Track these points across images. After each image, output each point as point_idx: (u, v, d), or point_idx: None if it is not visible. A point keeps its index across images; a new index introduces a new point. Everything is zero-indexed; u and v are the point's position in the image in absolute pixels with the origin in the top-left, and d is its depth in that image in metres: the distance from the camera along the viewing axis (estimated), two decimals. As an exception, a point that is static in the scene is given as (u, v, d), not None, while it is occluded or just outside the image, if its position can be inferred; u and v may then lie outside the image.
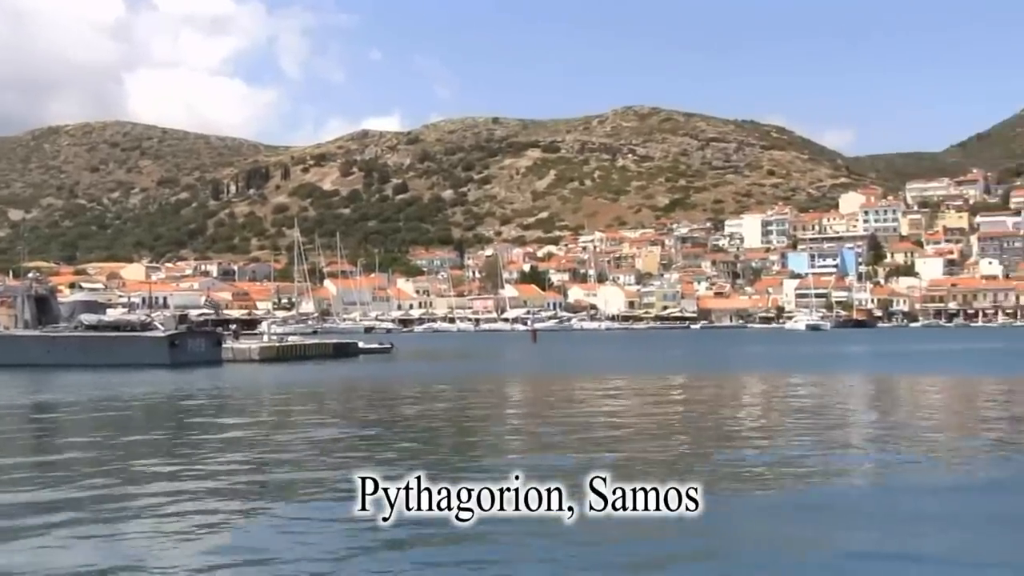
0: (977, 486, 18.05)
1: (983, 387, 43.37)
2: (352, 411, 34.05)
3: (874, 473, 19.71)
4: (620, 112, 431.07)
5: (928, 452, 22.08)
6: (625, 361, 72.40)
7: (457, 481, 16.07)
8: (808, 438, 24.33)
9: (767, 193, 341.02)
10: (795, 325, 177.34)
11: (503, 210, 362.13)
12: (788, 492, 17.44)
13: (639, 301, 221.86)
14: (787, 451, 22.10)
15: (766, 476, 19.16)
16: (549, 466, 19.41)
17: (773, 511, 15.91)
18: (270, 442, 24.62)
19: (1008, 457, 21.33)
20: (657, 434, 25.79)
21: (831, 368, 58.21)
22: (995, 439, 24.08)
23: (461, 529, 13.65)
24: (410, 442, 24.21)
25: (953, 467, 20.13)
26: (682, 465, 20.06)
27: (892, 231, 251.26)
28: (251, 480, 19.03)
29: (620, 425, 27.87)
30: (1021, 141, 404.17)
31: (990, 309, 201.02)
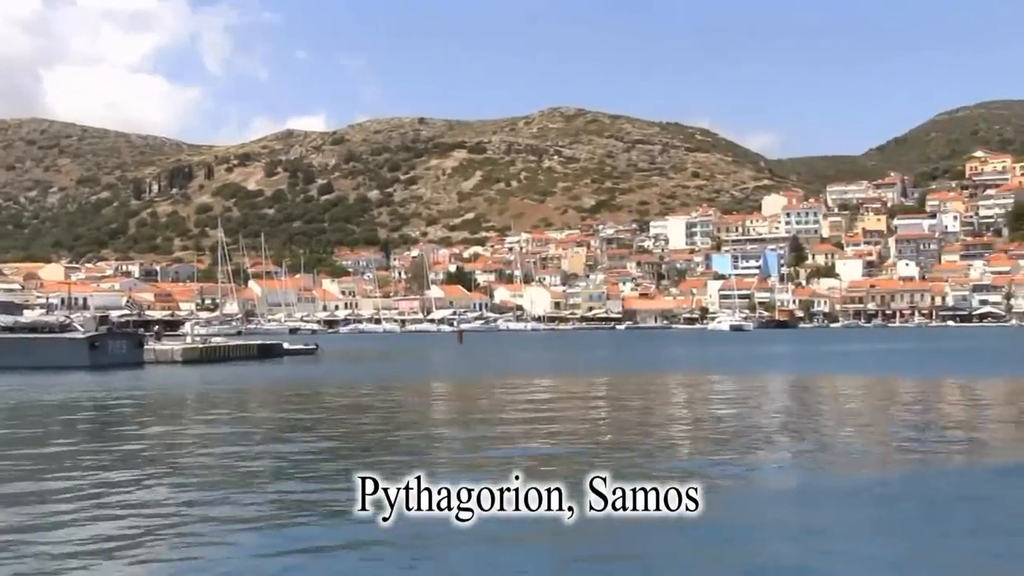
0: (889, 487, 18.51)
1: (898, 387, 44.40)
2: (272, 413, 33.84)
3: (786, 476, 20.12)
4: (546, 113, 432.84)
5: (842, 452, 22.60)
6: (551, 362, 72.78)
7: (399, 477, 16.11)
8: (728, 440, 24.71)
9: (691, 195, 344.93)
10: (718, 326, 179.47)
11: (429, 211, 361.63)
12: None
13: (565, 302, 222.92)
14: (704, 454, 22.42)
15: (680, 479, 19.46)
16: (465, 468, 19.50)
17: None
18: (182, 447, 24.40)
19: (923, 459, 21.93)
20: (578, 435, 26.04)
21: (753, 369, 59.11)
22: (909, 439, 24.67)
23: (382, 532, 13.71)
24: (329, 443, 24.16)
25: (868, 469, 20.60)
26: (599, 465, 20.30)
27: (813, 233, 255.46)
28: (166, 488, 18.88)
29: (544, 426, 28.08)
30: (936, 146, 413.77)
31: (907, 310, 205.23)
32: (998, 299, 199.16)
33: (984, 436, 25.94)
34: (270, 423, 30.57)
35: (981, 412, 33.45)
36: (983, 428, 27.94)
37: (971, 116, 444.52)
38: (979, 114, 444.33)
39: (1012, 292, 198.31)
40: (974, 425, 28.73)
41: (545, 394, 41.00)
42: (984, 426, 28.47)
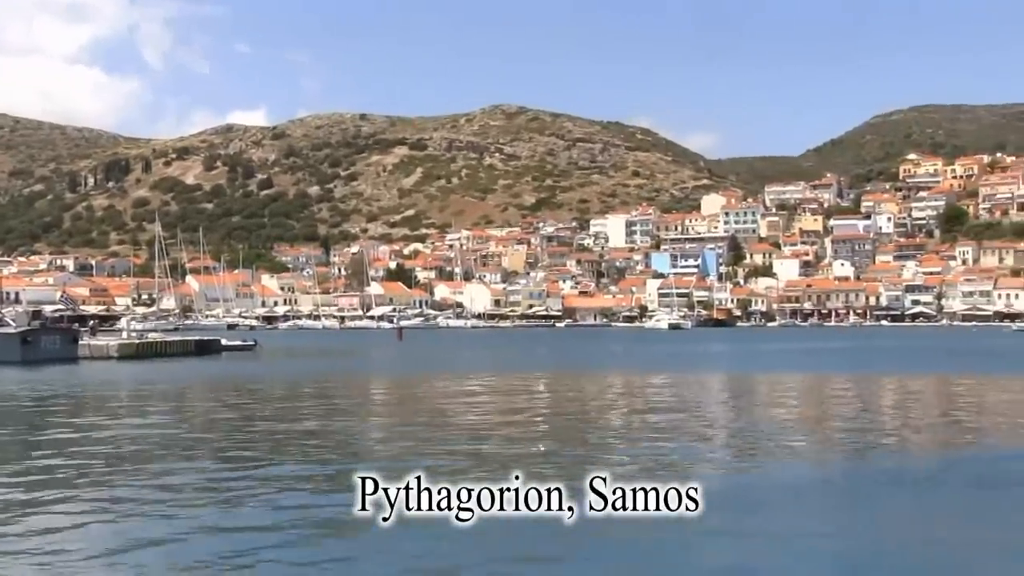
0: (825, 482, 18.96)
1: (832, 384, 45.21)
2: (204, 410, 33.67)
3: (724, 471, 20.50)
4: (488, 111, 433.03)
5: (774, 449, 23.05)
6: (490, 360, 72.98)
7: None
8: (663, 437, 25.06)
9: (631, 193, 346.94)
10: (657, 324, 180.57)
11: (370, 207, 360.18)
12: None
13: (505, 299, 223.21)
14: (639, 450, 22.73)
15: (618, 474, 19.75)
16: (396, 467, 19.64)
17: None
18: (106, 442, 24.26)
19: (858, 453, 22.45)
20: (514, 434, 26.27)
21: (691, 367, 59.80)
22: (842, 436, 25.20)
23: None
24: (259, 443, 24.17)
25: (804, 463, 21.05)
26: (538, 463, 20.56)
27: (751, 232, 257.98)
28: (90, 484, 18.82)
29: (480, 424, 28.29)
30: (871, 148, 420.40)
31: (842, 309, 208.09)
32: (930, 299, 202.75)
33: (913, 432, 26.60)
34: (203, 419, 30.45)
35: (910, 408, 34.25)
36: (912, 424, 28.63)
37: (905, 119, 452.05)
38: (912, 118, 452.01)
39: (943, 292, 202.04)
40: (904, 421, 29.43)
41: (483, 393, 41.19)
42: (913, 422, 29.16)
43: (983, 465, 20.67)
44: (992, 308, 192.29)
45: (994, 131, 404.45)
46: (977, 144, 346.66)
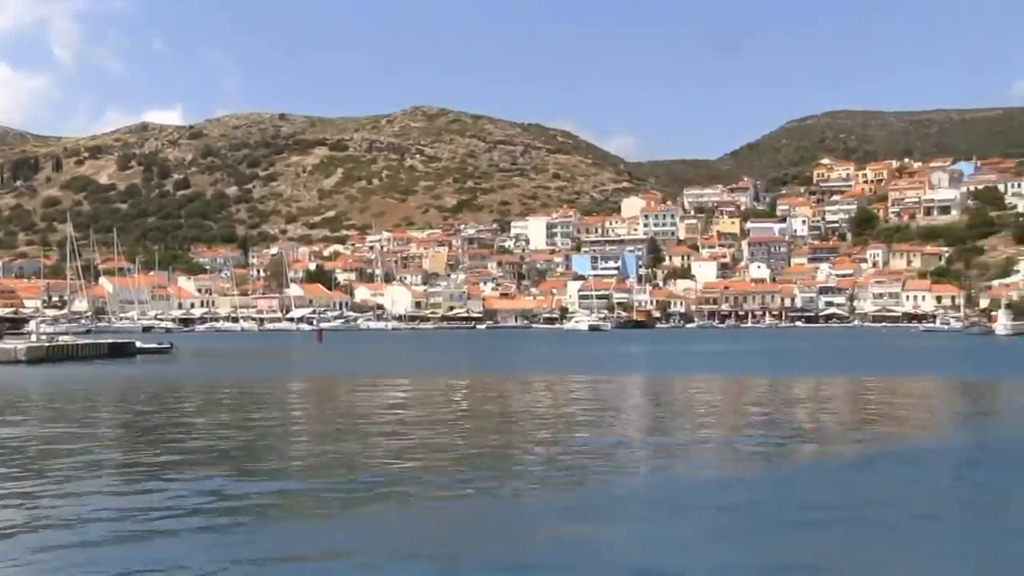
0: (739, 482, 19.46)
1: (750, 385, 46.12)
2: (116, 413, 33.31)
3: (642, 470, 20.93)
4: (409, 112, 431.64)
5: (692, 450, 23.58)
6: (410, 361, 73.01)
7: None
8: (583, 437, 25.44)
9: (552, 196, 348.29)
10: (576, 326, 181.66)
11: (289, 208, 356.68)
12: (559, 496, 18.32)
13: (426, 301, 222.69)
14: (560, 454, 23.07)
15: (535, 476, 20.09)
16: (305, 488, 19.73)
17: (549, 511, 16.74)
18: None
19: (773, 453, 23.03)
20: (433, 435, 26.48)
21: (610, 369, 60.45)
22: (758, 436, 25.80)
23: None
24: (165, 446, 24.08)
25: (719, 464, 21.57)
26: (452, 465, 20.81)
27: (670, 235, 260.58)
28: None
29: (397, 426, 28.44)
30: (786, 152, 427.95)
31: (759, 311, 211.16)
32: (842, 301, 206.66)
33: (824, 431, 27.35)
34: (112, 423, 30.15)
35: (822, 409, 35.13)
36: (824, 424, 29.42)
37: (818, 125, 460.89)
38: (826, 123, 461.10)
39: (855, 294, 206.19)
40: (815, 421, 30.23)
41: (402, 395, 41.29)
42: (824, 422, 29.97)
43: (886, 462, 21.39)
44: (901, 309, 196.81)
45: (902, 137, 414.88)
46: (887, 150, 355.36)
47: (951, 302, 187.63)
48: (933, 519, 15.94)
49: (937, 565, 13.53)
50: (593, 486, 18.54)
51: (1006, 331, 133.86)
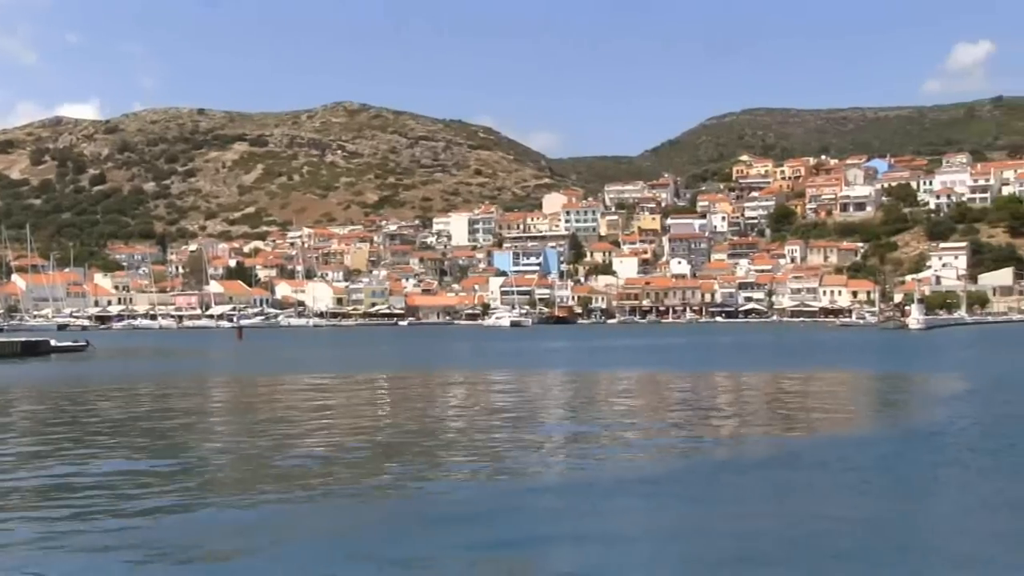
0: (664, 478, 19.65)
1: (671, 380, 46.60)
2: (27, 413, 32.66)
3: (563, 469, 21.03)
4: (330, 108, 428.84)
5: (612, 445, 23.76)
6: (332, 359, 72.53)
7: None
8: (503, 435, 25.51)
9: (474, 192, 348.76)
10: (498, 322, 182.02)
11: (208, 204, 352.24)
12: (480, 492, 18.34)
13: (347, 298, 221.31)
14: (482, 450, 23.11)
15: (462, 473, 20.10)
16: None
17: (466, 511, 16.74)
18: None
19: (691, 451, 23.30)
20: (353, 433, 26.37)
21: (532, 365, 60.70)
22: (680, 434, 26.05)
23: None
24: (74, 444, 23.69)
25: (642, 459, 21.74)
26: (374, 466, 20.75)
27: (592, 231, 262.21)
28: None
29: (317, 424, 28.27)
30: (706, 148, 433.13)
31: (679, 306, 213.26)
32: (761, 296, 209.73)
33: (744, 425, 27.76)
34: (22, 423, 29.55)
35: (743, 403, 35.65)
36: (745, 418, 29.86)
37: (738, 122, 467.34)
38: (744, 120, 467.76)
39: (773, 289, 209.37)
40: (736, 415, 30.67)
41: (322, 393, 41.03)
42: (745, 416, 30.42)
43: (801, 455, 21.79)
44: (818, 304, 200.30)
45: (819, 135, 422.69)
46: (804, 147, 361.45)
47: (866, 297, 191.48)
48: (856, 507, 16.28)
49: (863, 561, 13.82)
50: (513, 482, 18.61)
51: (919, 325, 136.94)
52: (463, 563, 13.03)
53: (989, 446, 22.85)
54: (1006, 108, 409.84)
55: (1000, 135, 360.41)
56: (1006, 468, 19.96)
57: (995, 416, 29.29)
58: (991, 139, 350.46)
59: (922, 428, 26.12)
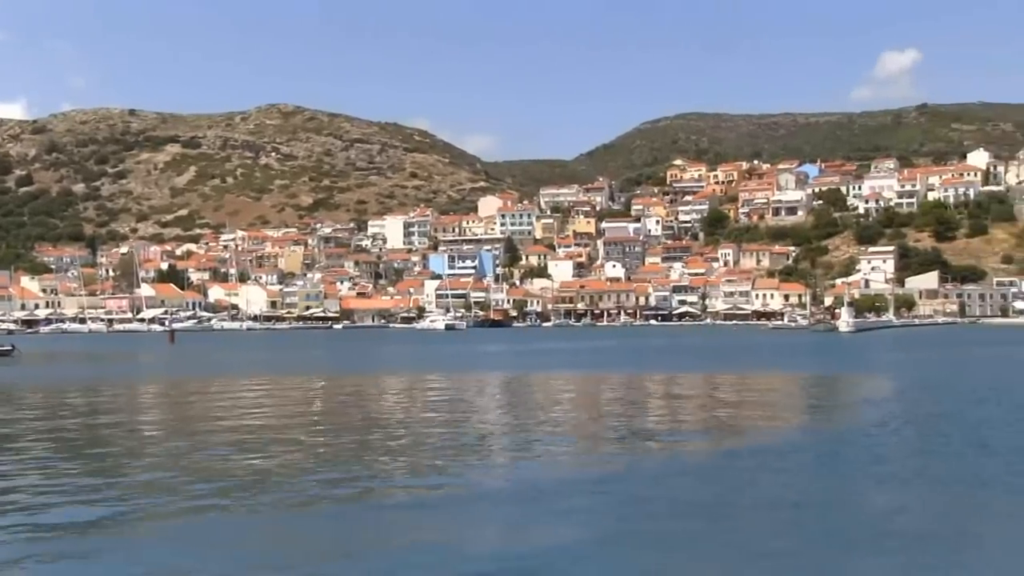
0: (604, 479, 19.70)
1: (606, 383, 46.81)
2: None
3: (500, 471, 21.02)
4: (264, 110, 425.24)
5: (552, 450, 23.79)
6: (265, 362, 71.87)
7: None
8: (440, 440, 25.42)
9: (409, 195, 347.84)
10: (432, 325, 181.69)
11: (139, 206, 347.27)
12: (418, 497, 18.28)
13: (282, 301, 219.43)
14: (418, 454, 23.03)
15: (397, 479, 20.02)
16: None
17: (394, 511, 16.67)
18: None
19: (627, 453, 23.41)
20: (287, 437, 26.15)
21: (466, 367, 60.62)
22: (615, 436, 26.17)
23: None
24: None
25: (578, 461, 21.80)
26: (305, 466, 20.58)
27: (527, 234, 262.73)
28: None
29: (250, 428, 27.98)
30: (640, 153, 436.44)
31: (614, 309, 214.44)
32: (695, 299, 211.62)
33: (679, 426, 27.97)
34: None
35: (677, 405, 35.92)
36: (679, 419, 30.08)
37: (672, 126, 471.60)
38: (678, 125, 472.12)
39: (707, 293, 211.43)
40: (671, 417, 30.88)
41: (256, 396, 40.64)
42: (680, 417, 30.65)
43: (741, 455, 22.01)
44: (751, 307, 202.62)
45: (751, 140, 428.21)
46: (736, 151, 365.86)
47: (798, 300, 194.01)
48: (785, 507, 16.48)
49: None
50: (451, 485, 18.58)
51: (848, 328, 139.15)
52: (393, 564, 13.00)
53: (922, 447, 23.28)
54: (931, 115, 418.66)
55: (925, 141, 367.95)
56: (937, 469, 20.33)
57: (925, 416, 29.84)
58: (917, 145, 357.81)
59: (855, 429, 26.51)
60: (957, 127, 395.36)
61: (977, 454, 21.86)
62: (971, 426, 26.83)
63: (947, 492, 17.83)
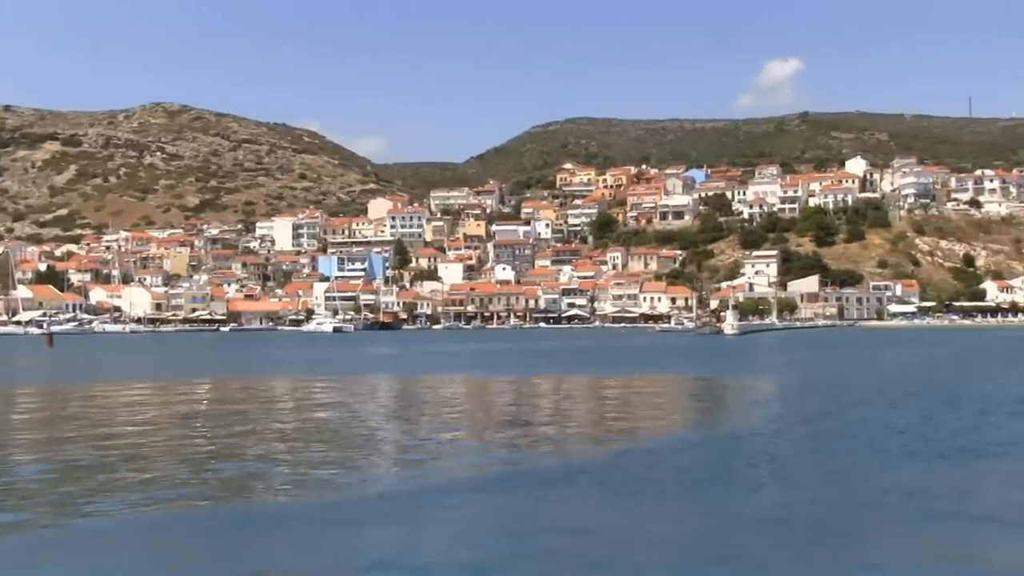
0: (488, 485, 19.70)
1: (495, 385, 46.89)
2: None
3: (389, 477, 20.89)
4: (148, 108, 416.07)
5: (442, 453, 23.74)
6: (149, 365, 70.30)
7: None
8: (328, 443, 25.17)
9: (298, 196, 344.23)
10: (319, 327, 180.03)
11: (16, 205, 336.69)
12: (304, 501, 18.05)
13: (167, 303, 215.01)
14: (305, 458, 22.76)
15: (282, 485, 19.76)
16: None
17: (287, 520, 16.45)
18: None
19: (516, 456, 23.45)
20: (169, 442, 25.63)
21: (354, 370, 60.15)
22: (510, 437, 26.20)
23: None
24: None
25: (467, 465, 21.76)
26: (181, 476, 20.20)
27: (417, 237, 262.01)
28: None
29: (130, 434, 27.36)
30: (530, 156, 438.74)
31: (504, 312, 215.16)
32: (584, 302, 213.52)
33: (568, 428, 28.14)
34: None
35: (566, 407, 36.16)
36: (568, 421, 30.27)
37: (561, 130, 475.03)
38: (568, 129, 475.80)
39: (596, 295, 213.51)
40: (560, 419, 31.06)
41: (137, 401, 39.74)
42: (569, 419, 30.85)
43: (630, 455, 22.24)
44: (639, 310, 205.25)
45: (639, 145, 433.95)
46: (625, 156, 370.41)
47: (684, 303, 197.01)
48: (675, 511, 16.73)
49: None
50: (338, 490, 18.42)
51: (733, 331, 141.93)
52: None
53: (804, 447, 23.86)
54: (812, 123, 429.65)
55: (807, 149, 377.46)
56: (822, 466, 20.86)
57: (808, 415, 30.59)
58: (799, 152, 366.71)
59: (739, 430, 27.02)
60: (836, 135, 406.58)
61: (858, 452, 22.48)
62: (852, 425, 27.60)
63: (833, 488, 18.30)
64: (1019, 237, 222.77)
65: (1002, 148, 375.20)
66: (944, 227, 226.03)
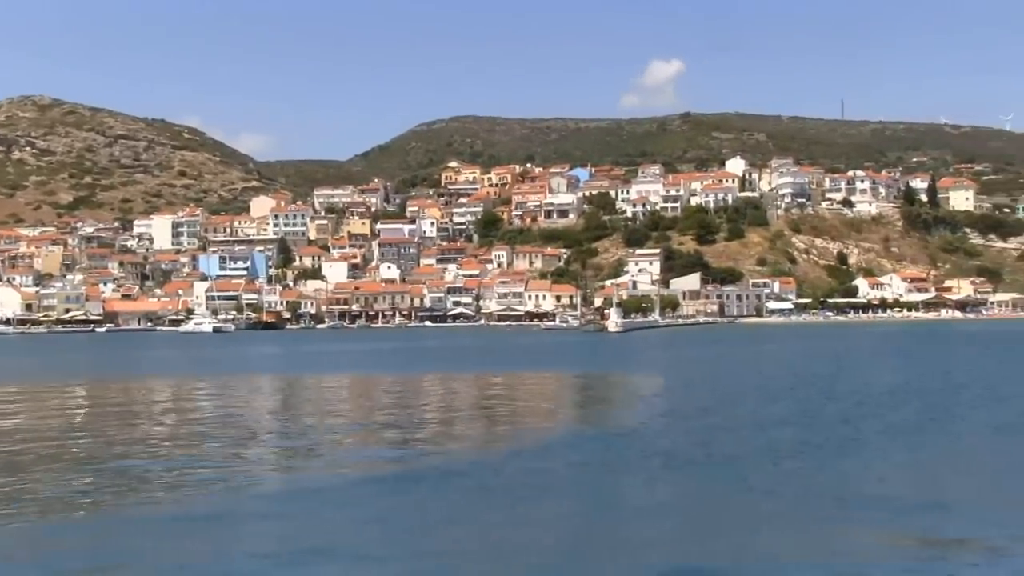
0: (373, 484, 19.41)
1: (380, 384, 46.48)
2: None
3: (268, 475, 20.46)
4: (16, 101, 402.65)
5: (325, 452, 23.36)
6: (15, 368, 67.92)
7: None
8: (209, 445, 24.58)
9: (178, 194, 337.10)
10: (198, 327, 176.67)
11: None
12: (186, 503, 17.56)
13: (38, 303, 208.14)
14: (187, 460, 22.18)
15: (164, 487, 19.19)
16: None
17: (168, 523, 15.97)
18: None
19: (401, 453, 23.20)
20: (42, 447, 24.76)
21: (233, 370, 59.04)
22: (396, 437, 25.92)
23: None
24: None
25: (352, 465, 21.43)
26: (68, 480, 19.50)
27: (301, 235, 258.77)
28: None
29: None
30: (415, 154, 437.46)
31: (389, 311, 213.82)
32: (469, 300, 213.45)
33: (452, 428, 27.97)
34: None
35: (453, 405, 35.99)
36: (452, 420, 30.09)
37: (447, 129, 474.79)
38: (453, 127, 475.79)
39: (481, 294, 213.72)
40: (446, 418, 30.87)
41: (5, 405, 38.36)
42: (453, 418, 30.67)
43: (521, 450, 22.16)
44: (524, 308, 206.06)
45: (524, 143, 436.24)
46: (510, 155, 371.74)
47: (569, 301, 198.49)
48: (559, 509, 16.67)
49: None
50: (219, 493, 17.95)
51: (617, 328, 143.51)
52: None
53: (689, 441, 24.09)
54: (693, 124, 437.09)
55: (688, 149, 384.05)
56: (711, 460, 21.08)
57: (693, 411, 30.97)
58: (681, 152, 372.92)
59: (624, 426, 27.19)
60: (717, 136, 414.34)
61: (746, 443, 22.80)
62: (738, 418, 28.02)
63: (714, 477, 18.49)
64: (888, 236, 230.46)
65: (872, 150, 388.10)
66: (819, 226, 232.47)
